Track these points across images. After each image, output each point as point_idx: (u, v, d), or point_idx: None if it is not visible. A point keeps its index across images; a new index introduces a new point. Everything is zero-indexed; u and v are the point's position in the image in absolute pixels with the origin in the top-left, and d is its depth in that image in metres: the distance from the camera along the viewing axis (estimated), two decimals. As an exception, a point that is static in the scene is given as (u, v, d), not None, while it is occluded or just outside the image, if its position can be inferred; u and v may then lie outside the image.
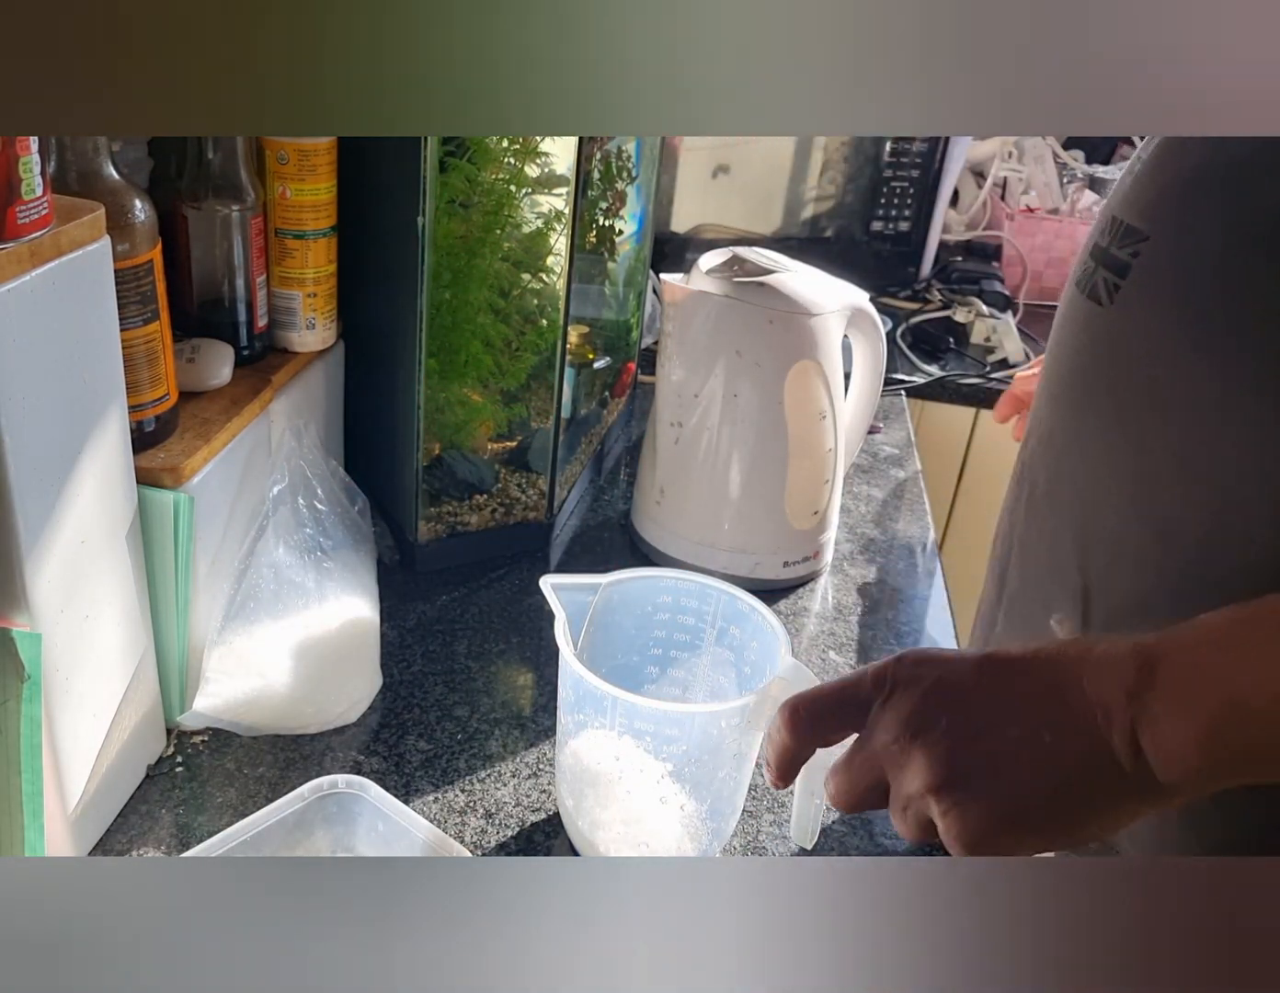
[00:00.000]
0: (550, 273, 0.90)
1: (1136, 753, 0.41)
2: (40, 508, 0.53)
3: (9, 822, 0.55)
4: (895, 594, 0.96)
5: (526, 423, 0.98)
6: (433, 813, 0.68)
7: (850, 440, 0.98)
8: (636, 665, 0.70)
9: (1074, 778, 0.42)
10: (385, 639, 0.82)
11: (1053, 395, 0.63)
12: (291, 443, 0.78)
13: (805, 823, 0.56)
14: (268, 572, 0.74)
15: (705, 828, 0.65)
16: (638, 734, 0.61)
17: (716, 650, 0.69)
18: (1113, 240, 0.57)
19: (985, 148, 1.75)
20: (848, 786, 0.47)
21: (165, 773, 0.69)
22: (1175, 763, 0.41)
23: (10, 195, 0.48)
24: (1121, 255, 0.56)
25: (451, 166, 0.80)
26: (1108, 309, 0.56)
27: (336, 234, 0.80)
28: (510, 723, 0.76)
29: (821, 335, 0.87)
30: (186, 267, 0.74)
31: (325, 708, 0.73)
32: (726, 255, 0.91)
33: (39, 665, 0.53)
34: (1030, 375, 0.89)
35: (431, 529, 0.91)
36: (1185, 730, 0.41)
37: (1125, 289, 0.55)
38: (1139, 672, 0.42)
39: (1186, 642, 0.43)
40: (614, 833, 0.64)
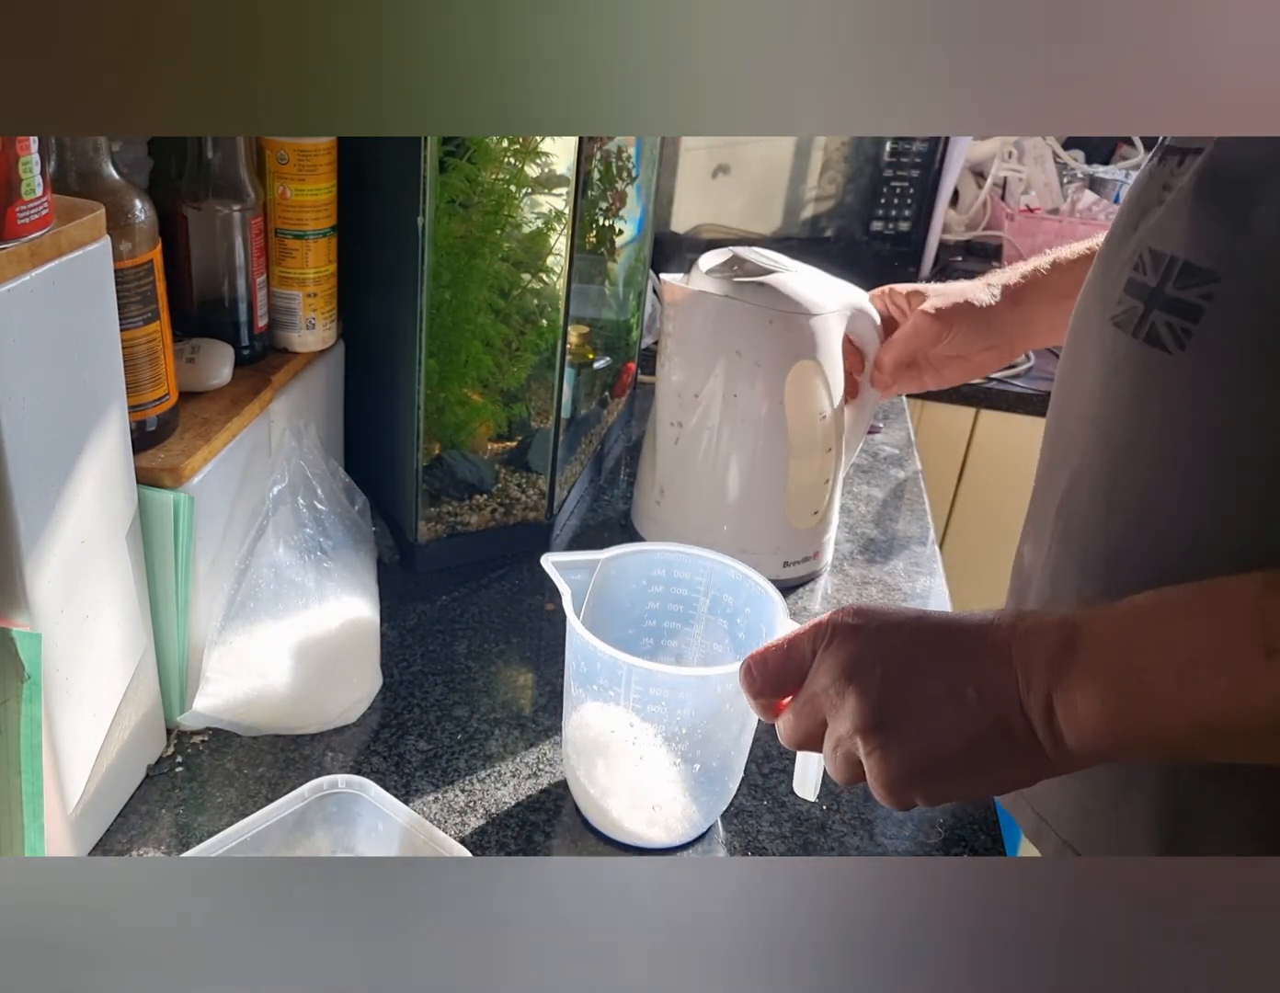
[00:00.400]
0: (550, 273, 0.90)
1: (1049, 718, 0.44)
2: (40, 508, 0.53)
3: (9, 822, 0.55)
4: (895, 594, 0.96)
5: (526, 423, 0.98)
6: (433, 813, 0.68)
7: (850, 440, 0.98)
8: (632, 637, 0.72)
9: (990, 735, 0.45)
10: (385, 639, 0.82)
11: (1104, 444, 0.60)
12: (291, 443, 0.78)
13: (806, 778, 0.59)
14: (268, 572, 0.74)
15: (710, 791, 0.67)
16: (648, 701, 0.63)
17: (710, 619, 0.71)
18: (1165, 279, 0.54)
19: (985, 148, 1.75)
20: (792, 725, 0.51)
21: (165, 773, 0.69)
22: (1083, 732, 0.44)
23: (10, 195, 0.48)
24: (1188, 298, 0.53)
25: (451, 167, 0.80)
26: (1178, 355, 0.54)
27: (336, 234, 0.80)
28: (510, 723, 0.76)
29: (821, 335, 0.87)
30: (186, 266, 0.74)
31: (325, 708, 0.73)
32: (726, 255, 0.91)
33: (39, 665, 0.53)
34: (905, 341, 0.88)
35: (431, 529, 0.91)
36: (1093, 702, 0.43)
37: (1200, 334, 0.53)
38: (1062, 643, 0.45)
39: (1109, 619, 0.46)
40: (624, 800, 0.66)
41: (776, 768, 0.75)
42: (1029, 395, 1.43)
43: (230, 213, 0.73)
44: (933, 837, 0.70)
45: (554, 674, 0.81)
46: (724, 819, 0.70)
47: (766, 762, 0.75)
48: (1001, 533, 1.55)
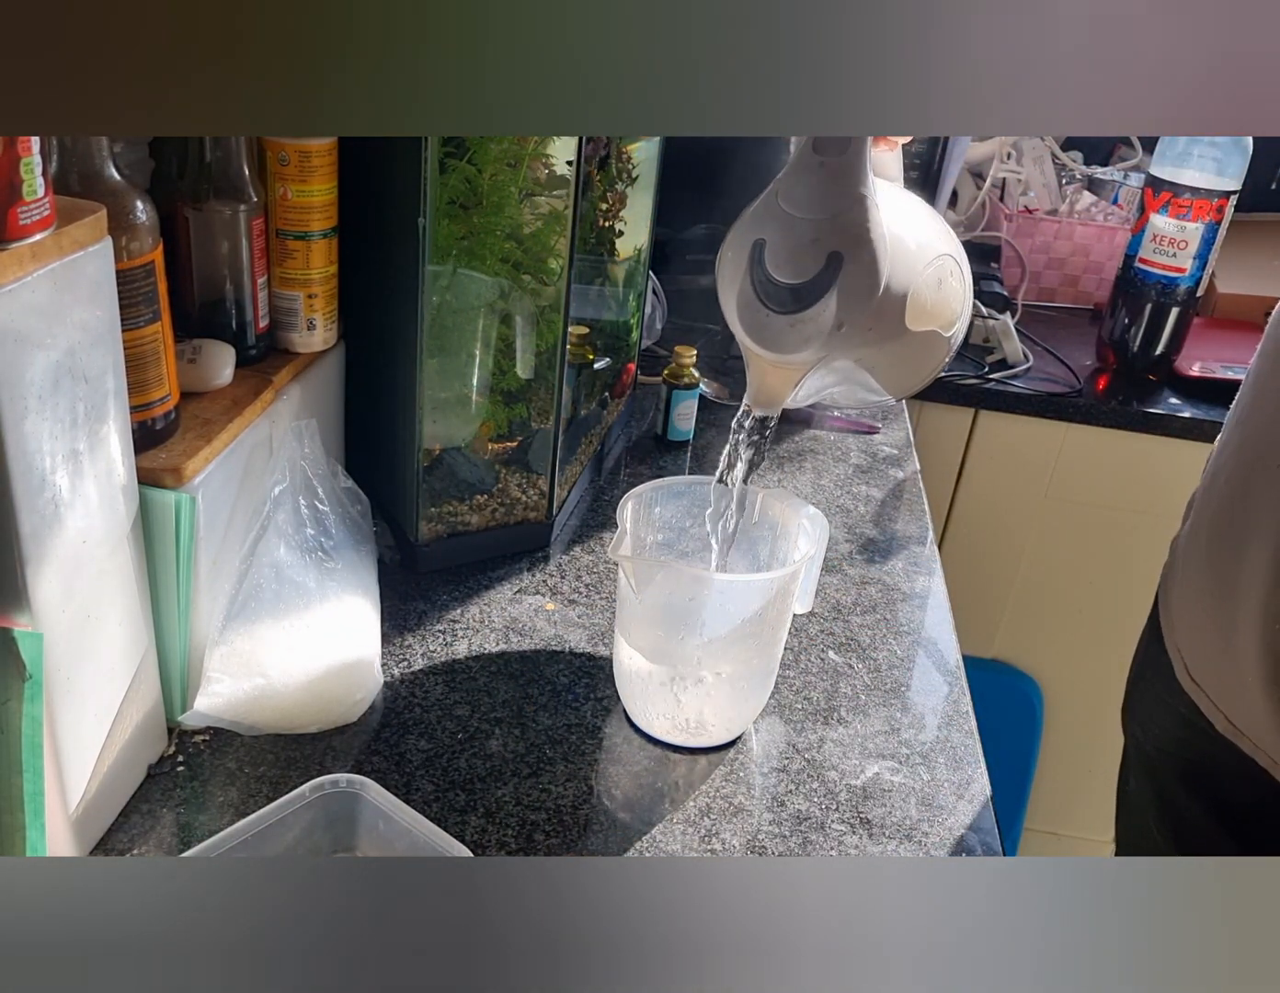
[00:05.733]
0: (550, 274, 0.90)
1: None
2: (42, 508, 0.53)
3: (10, 821, 0.55)
4: (894, 594, 0.96)
5: (527, 423, 0.98)
6: (433, 813, 0.68)
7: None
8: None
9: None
10: (385, 639, 0.82)
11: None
12: (293, 443, 0.78)
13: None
14: (269, 571, 0.74)
15: (755, 692, 0.77)
16: (698, 609, 0.71)
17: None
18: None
19: (984, 149, 1.75)
20: None
21: (167, 772, 0.69)
22: None
23: (12, 196, 0.48)
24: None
25: (451, 167, 0.80)
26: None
27: (337, 235, 0.80)
28: (510, 723, 0.76)
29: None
30: (188, 267, 0.74)
31: (326, 708, 0.73)
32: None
33: (40, 665, 0.53)
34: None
35: (432, 529, 0.91)
36: None
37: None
38: None
39: None
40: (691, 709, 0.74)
41: (776, 768, 0.75)
42: (1028, 396, 1.44)
43: (231, 214, 0.73)
44: (933, 837, 0.70)
45: (554, 674, 0.82)
46: (724, 819, 0.70)
47: (766, 761, 0.75)
48: (1001, 533, 1.56)
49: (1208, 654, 0.72)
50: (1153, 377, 1.49)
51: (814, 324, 0.59)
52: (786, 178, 0.60)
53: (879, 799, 0.73)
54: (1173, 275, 1.41)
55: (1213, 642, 0.71)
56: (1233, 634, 0.68)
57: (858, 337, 0.61)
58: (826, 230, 0.58)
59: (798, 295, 0.59)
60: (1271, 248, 1.67)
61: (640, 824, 0.70)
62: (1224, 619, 0.70)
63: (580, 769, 0.73)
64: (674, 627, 0.73)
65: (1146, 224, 1.40)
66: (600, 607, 0.90)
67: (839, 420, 1.27)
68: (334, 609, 0.78)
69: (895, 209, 0.61)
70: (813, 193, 0.59)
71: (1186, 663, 0.74)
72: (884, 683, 0.85)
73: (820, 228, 0.58)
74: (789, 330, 0.60)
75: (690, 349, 1.16)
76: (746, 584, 0.74)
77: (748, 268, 0.60)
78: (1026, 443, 1.47)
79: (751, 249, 0.60)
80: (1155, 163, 1.39)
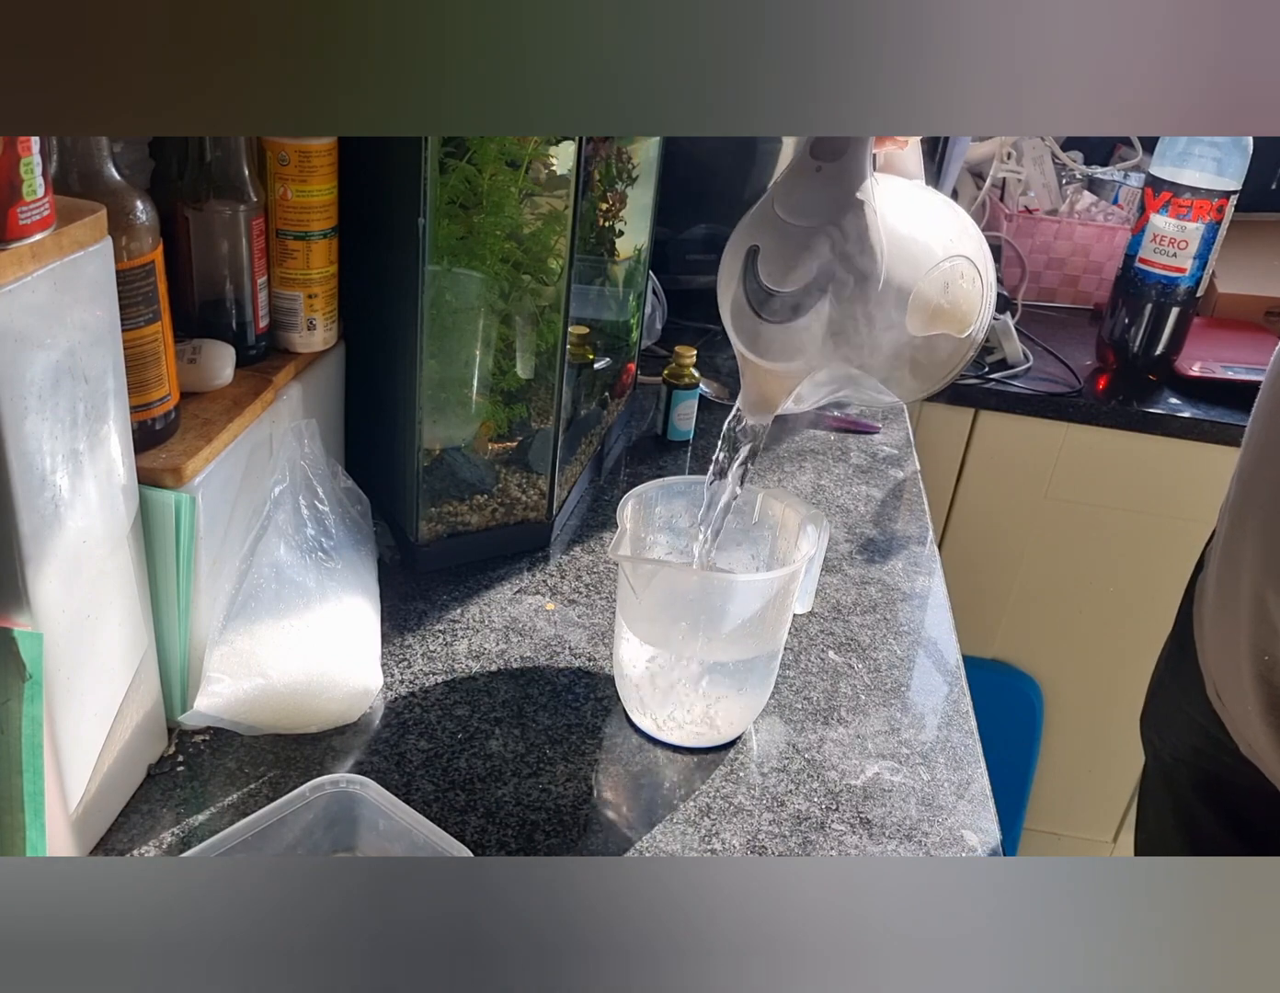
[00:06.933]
0: (550, 274, 0.90)
1: None
2: (42, 508, 0.53)
3: (10, 821, 0.55)
4: (894, 594, 0.96)
5: (527, 423, 0.98)
6: (433, 813, 0.68)
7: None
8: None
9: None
10: (385, 639, 0.82)
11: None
12: (293, 443, 0.78)
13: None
14: (269, 571, 0.74)
15: (755, 692, 0.77)
16: (698, 609, 0.72)
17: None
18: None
19: (984, 149, 1.75)
20: None
21: (167, 772, 0.69)
22: None
23: (12, 196, 0.48)
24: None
25: (451, 167, 0.80)
26: None
27: (337, 235, 0.80)
28: (510, 723, 0.76)
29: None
30: (188, 267, 0.74)
31: (326, 708, 0.73)
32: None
33: (40, 665, 0.53)
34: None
35: (432, 529, 0.91)
36: None
37: None
38: None
39: None
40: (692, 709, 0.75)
41: (776, 768, 0.75)
42: (1028, 396, 1.44)
43: (231, 214, 0.73)
44: (933, 837, 0.70)
45: (554, 674, 0.82)
46: (724, 819, 0.70)
47: (766, 761, 0.75)
48: (1001, 533, 1.56)
49: (1225, 676, 0.72)
50: (1153, 377, 1.49)
51: (806, 332, 0.59)
52: (783, 183, 0.60)
53: (879, 799, 0.73)
54: (1173, 275, 1.41)
55: (1228, 665, 0.71)
56: (1239, 659, 0.69)
57: (853, 344, 0.60)
58: (820, 237, 0.58)
59: (789, 303, 0.59)
60: (1271, 248, 1.67)
61: (640, 824, 0.70)
62: (1231, 644, 0.70)
63: (580, 769, 0.73)
64: (674, 627, 0.73)
65: (1146, 224, 1.41)
66: (600, 607, 0.90)
67: (839, 420, 1.27)
68: (334, 609, 0.78)
69: (902, 211, 0.60)
70: (808, 198, 0.59)
71: (1216, 683, 0.74)
72: (884, 683, 0.85)
73: (814, 234, 0.58)
74: (781, 338, 0.60)
75: (690, 349, 1.16)
76: (746, 584, 0.74)
77: (741, 275, 0.60)
78: (1026, 443, 1.47)
79: (745, 256, 0.60)
80: (1155, 163, 1.39)
